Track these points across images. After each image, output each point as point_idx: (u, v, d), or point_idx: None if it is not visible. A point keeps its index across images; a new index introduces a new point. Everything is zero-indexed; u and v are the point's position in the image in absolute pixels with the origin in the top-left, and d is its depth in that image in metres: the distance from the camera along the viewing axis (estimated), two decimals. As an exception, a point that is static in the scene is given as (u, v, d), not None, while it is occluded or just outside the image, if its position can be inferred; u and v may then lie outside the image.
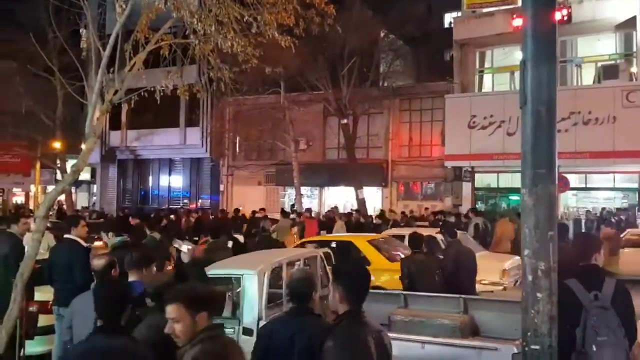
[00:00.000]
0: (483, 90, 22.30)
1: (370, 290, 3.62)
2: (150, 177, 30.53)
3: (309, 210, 19.88)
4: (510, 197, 21.66)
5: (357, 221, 17.85)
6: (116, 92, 7.04)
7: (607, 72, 19.35)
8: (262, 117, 22.90)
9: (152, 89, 8.30)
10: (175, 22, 7.89)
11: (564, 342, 3.46)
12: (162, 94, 8.58)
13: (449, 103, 21.25)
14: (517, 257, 12.40)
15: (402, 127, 24.64)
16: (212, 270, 6.38)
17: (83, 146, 10.72)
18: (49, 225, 7.43)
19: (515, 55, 21.42)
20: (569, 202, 20.42)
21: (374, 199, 24.44)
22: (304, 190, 24.79)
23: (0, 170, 26.88)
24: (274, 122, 22.88)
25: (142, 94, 8.08)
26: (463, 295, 6.55)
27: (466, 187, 22.22)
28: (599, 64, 19.99)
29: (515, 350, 4.21)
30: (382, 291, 7.55)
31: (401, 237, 11.00)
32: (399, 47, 24.91)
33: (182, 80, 9.32)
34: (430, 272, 6.99)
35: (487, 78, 22.68)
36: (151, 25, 7.89)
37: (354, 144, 22.65)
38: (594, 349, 3.77)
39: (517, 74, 19.31)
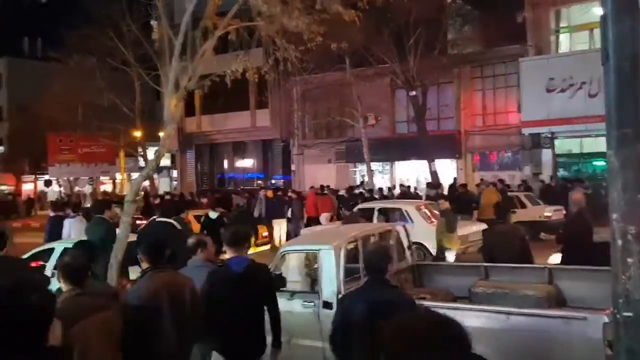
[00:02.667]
0: (560, 51, 21.18)
1: (453, 263, 3.59)
2: (225, 160, 31.48)
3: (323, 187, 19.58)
4: (595, 163, 20.62)
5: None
6: (190, 79, 7.27)
7: None
8: (329, 95, 22.91)
9: (223, 73, 8.50)
10: (240, 6, 8.00)
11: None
12: (232, 78, 8.77)
13: (523, 67, 20.39)
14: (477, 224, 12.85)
15: (474, 96, 23.89)
16: (291, 246, 6.55)
17: (162, 134, 11.21)
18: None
19: (594, 11, 20.14)
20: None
21: (448, 171, 23.96)
22: (375, 165, 24.69)
23: (88, 160, 28.59)
24: (341, 99, 22.84)
25: (214, 79, 8.30)
26: (547, 265, 6.37)
27: (546, 155, 21.34)
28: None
29: (606, 320, 4.05)
30: (462, 263, 7.45)
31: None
32: (467, 12, 23.97)
33: (250, 63, 9.46)
34: (512, 242, 6.80)
35: (564, 38, 21.51)
36: (217, 11, 8.06)
37: (424, 116, 22.19)
38: None
39: (596, 32, 18.31)
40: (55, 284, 3.56)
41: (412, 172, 25.14)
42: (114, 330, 3.25)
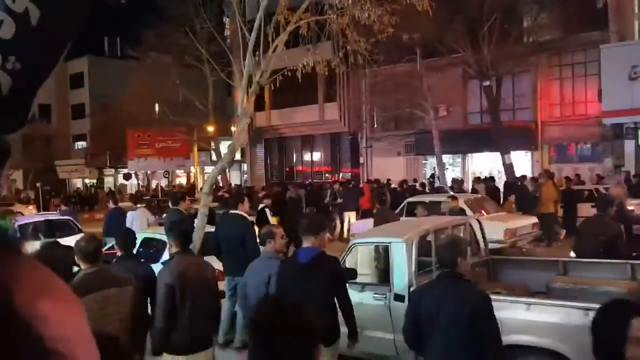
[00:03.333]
0: (644, 37, 19.96)
1: (530, 258, 3.47)
2: (294, 154, 31.89)
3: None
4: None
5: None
6: (262, 74, 7.42)
7: None
8: (398, 87, 22.60)
9: (294, 68, 8.61)
10: (311, 0, 8.08)
11: None
12: (303, 72, 8.87)
13: (605, 54, 19.33)
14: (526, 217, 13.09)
15: (551, 85, 22.90)
16: (362, 239, 6.58)
17: (233, 128, 11.55)
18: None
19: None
20: None
21: (522, 163, 23.16)
22: (446, 158, 24.23)
23: (164, 154, 29.75)
24: (410, 91, 22.49)
25: (286, 73, 8.42)
26: (630, 261, 6.06)
27: (628, 146, 20.18)
28: None
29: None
30: (539, 258, 7.22)
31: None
32: (546, -3, 22.91)
33: (320, 57, 9.52)
34: (596, 237, 6.49)
35: (649, 23, 20.22)
36: (289, 6, 8.17)
37: (499, 106, 21.51)
38: None
39: None
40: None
41: (485, 164, 24.49)
42: (120, 305, 3.76)
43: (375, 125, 27.11)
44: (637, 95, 18.01)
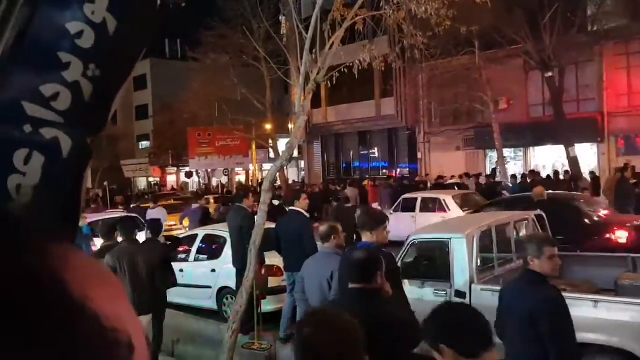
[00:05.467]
0: None
1: (597, 254, 3.33)
2: (351, 150, 31.88)
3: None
4: None
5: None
6: (319, 71, 7.47)
7: None
8: (456, 80, 22.20)
9: (351, 64, 8.61)
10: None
11: None
12: (359, 68, 8.86)
13: (677, 40, 18.30)
14: None
15: (618, 74, 21.86)
16: (422, 235, 6.54)
17: (291, 126, 11.67)
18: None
19: None
20: None
21: (588, 156, 22.26)
22: (507, 152, 23.59)
23: (224, 152, 30.45)
24: (469, 84, 22.03)
25: (343, 70, 8.45)
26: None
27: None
28: None
29: None
30: (606, 254, 6.95)
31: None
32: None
33: (376, 52, 9.48)
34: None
35: None
36: (344, 2, 8.18)
37: (562, 98, 20.73)
38: None
39: None
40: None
41: (548, 158, 23.70)
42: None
43: (433, 120, 26.70)
44: None
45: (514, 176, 19.36)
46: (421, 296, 5.88)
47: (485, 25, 16.85)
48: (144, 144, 50.01)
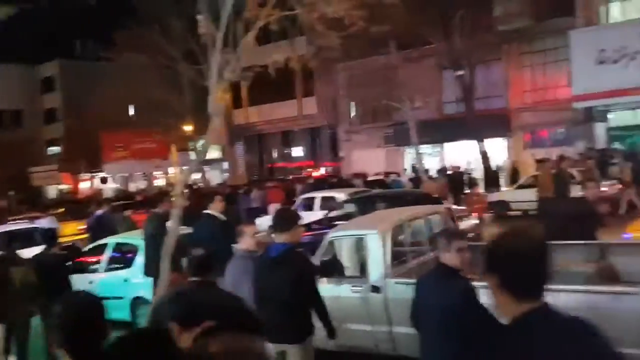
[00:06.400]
0: (611, 22, 20.30)
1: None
2: (274, 150, 31.86)
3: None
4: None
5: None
6: (233, 70, 7.42)
7: None
8: (375, 79, 22.69)
9: (268, 64, 8.61)
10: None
11: None
12: (275, 67, 8.88)
13: (573, 39, 19.67)
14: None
15: (523, 72, 23.21)
16: (339, 232, 6.64)
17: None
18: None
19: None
20: None
21: (498, 150, 23.45)
22: (425, 148, 24.41)
23: (142, 156, 29.50)
24: (387, 83, 22.58)
25: (260, 69, 8.43)
26: (601, 241, 6.21)
27: (599, 128, 20.56)
28: None
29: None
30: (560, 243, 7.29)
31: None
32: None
33: (294, 52, 9.53)
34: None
35: (615, 8, 20.58)
36: (259, 2, 8.16)
37: (473, 95, 21.75)
38: None
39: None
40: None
41: (462, 153, 24.74)
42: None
43: (354, 118, 27.19)
44: (605, 78, 18.36)
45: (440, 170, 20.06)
46: (340, 293, 5.98)
47: (399, 26, 17.33)
48: (54, 149, 47.40)
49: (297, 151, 30.85)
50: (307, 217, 12.84)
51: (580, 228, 6.45)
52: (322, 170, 26.94)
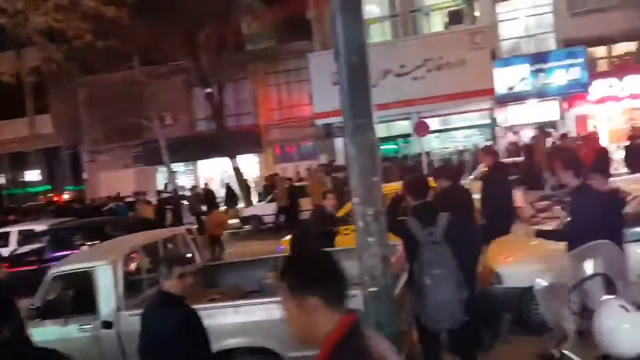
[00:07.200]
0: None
1: (242, 259, 3.28)
2: (3, 175, 27.83)
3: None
4: (382, 147, 22.36)
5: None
6: None
7: (453, 17, 20.43)
8: (119, 96, 21.48)
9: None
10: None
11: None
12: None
13: (312, 62, 21.32)
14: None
15: (269, 91, 24.44)
16: (64, 267, 5.93)
17: None
18: None
19: (368, 9, 21.90)
20: (433, 145, 21.54)
21: (251, 166, 24.25)
22: (179, 166, 23.95)
23: None
24: (133, 99, 21.58)
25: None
26: (331, 249, 6.67)
27: (339, 143, 22.67)
28: (446, 11, 21.04)
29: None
30: (252, 258, 7.49)
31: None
32: (258, 8, 24.17)
33: (21, 65, 8.42)
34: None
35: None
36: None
37: (223, 112, 22.10)
38: (428, 281, 4.02)
39: (372, 27, 19.56)
40: None
41: (216, 169, 24.93)
42: None
43: (98, 137, 25.25)
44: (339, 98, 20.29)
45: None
46: (65, 335, 5.36)
47: (139, 42, 16.72)
48: None
49: (33, 175, 27.40)
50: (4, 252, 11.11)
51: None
52: (65, 196, 24.48)
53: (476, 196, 6.87)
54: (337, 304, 1.68)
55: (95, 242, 8.94)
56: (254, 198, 21.78)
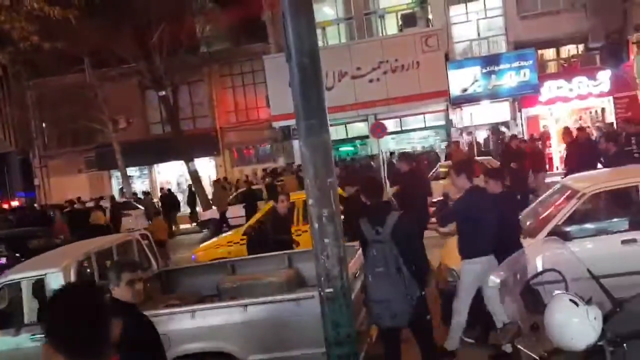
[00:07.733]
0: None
1: (199, 263, 3.30)
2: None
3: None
4: (340, 149, 22.49)
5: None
6: None
7: (407, 20, 20.73)
8: (70, 99, 20.91)
9: None
10: None
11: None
12: None
13: (268, 64, 21.26)
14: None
15: (225, 93, 24.26)
16: (13, 275, 5.74)
17: None
18: None
19: (324, 11, 22.04)
20: (389, 146, 21.80)
21: (208, 169, 23.99)
22: (133, 170, 23.48)
23: None
24: (85, 103, 21.03)
25: None
26: (286, 252, 6.67)
27: (297, 145, 22.66)
28: (399, 14, 21.34)
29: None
30: (210, 262, 7.43)
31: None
32: (211, 9, 23.90)
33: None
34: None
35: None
36: None
37: (178, 115, 21.79)
38: (370, 279, 4.10)
39: (328, 30, 19.69)
40: None
41: (172, 173, 24.56)
42: None
43: (49, 142, 24.53)
44: (295, 100, 20.35)
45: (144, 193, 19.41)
46: (18, 345, 5.19)
47: (90, 43, 16.31)
48: None
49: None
50: None
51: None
52: (15, 203, 23.67)
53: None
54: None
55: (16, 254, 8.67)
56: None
